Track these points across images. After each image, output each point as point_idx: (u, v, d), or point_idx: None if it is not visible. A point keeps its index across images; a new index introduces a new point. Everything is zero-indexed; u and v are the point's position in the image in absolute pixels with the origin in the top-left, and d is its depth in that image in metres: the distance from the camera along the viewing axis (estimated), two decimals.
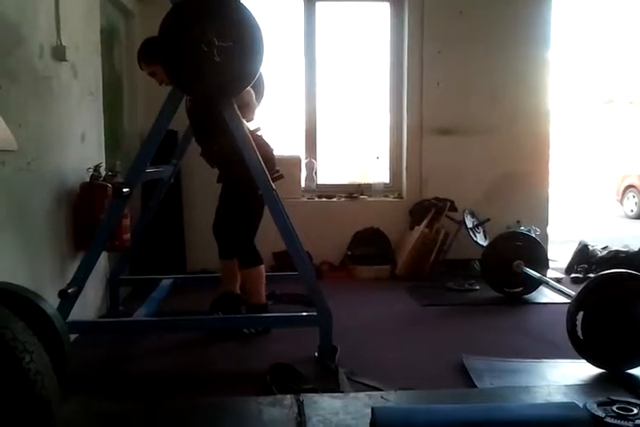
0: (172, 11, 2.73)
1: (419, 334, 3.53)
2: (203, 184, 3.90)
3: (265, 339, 3.36)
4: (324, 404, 2.32)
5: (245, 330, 3.38)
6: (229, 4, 2.75)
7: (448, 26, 5.16)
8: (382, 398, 2.40)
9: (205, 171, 3.64)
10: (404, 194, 5.39)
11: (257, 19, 2.74)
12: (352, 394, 2.46)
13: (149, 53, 3.28)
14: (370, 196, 5.41)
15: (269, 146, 3.47)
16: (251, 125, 3.37)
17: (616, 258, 5.05)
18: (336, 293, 3.93)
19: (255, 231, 3.52)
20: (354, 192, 5.39)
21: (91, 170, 3.37)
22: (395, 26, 5.38)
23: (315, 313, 3.00)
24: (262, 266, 3.53)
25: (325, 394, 2.44)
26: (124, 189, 2.83)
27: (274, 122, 4.99)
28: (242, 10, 2.74)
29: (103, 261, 3.76)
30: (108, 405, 2.40)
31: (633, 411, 2.17)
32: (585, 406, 2.21)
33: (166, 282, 3.96)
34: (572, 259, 5.27)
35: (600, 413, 2.17)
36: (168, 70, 2.84)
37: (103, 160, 3.73)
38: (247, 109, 3.25)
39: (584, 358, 2.77)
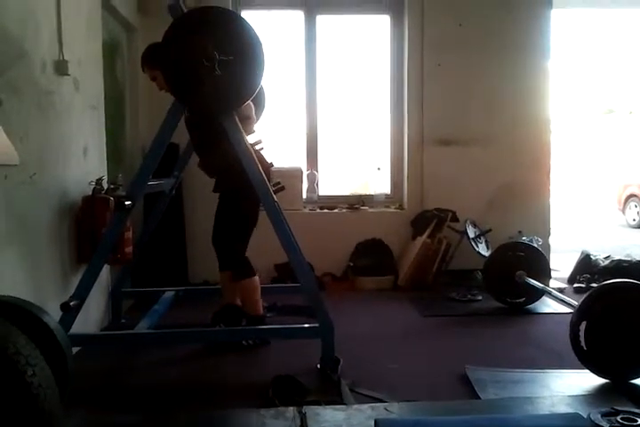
0: (173, 25, 2.76)
1: (421, 344, 3.52)
2: (204, 196, 3.91)
3: (267, 351, 3.35)
4: (327, 416, 2.32)
5: (244, 342, 3.36)
6: (230, 18, 2.78)
7: (448, 38, 5.19)
8: (385, 409, 2.40)
9: (206, 183, 3.65)
10: (406, 205, 5.40)
11: (257, 32, 2.76)
12: (355, 406, 2.46)
13: (153, 58, 3.30)
14: (371, 207, 5.41)
15: (267, 161, 3.47)
16: (251, 138, 3.38)
17: (619, 267, 5.05)
18: (338, 304, 3.94)
19: (246, 243, 3.52)
20: (355, 203, 5.40)
21: (93, 183, 3.39)
22: (395, 38, 5.41)
23: (317, 325, 2.99)
24: (255, 277, 3.51)
25: (328, 406, 2.43)
26: (127, 202, 2.84)
27: (275, 134, 5.01)
28: (242, 23, 2.77)
29: (105, 273, 3.77)
30: (110, 418, 2.40)
31: (637, 421, 2.17)
32: (589, 416, 2.20)
33: (168, 294, 3.97)
34: (575, 269, 5.26)
35: (604, 423, 2.16)
36: (169, 84, 2.86)
37: (105, 173, 3.75)
38: (247, 122, 3.27)
39: (587, 369, 2.76)
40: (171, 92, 2.91)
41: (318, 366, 2.97)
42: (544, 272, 4.30)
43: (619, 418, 2.20)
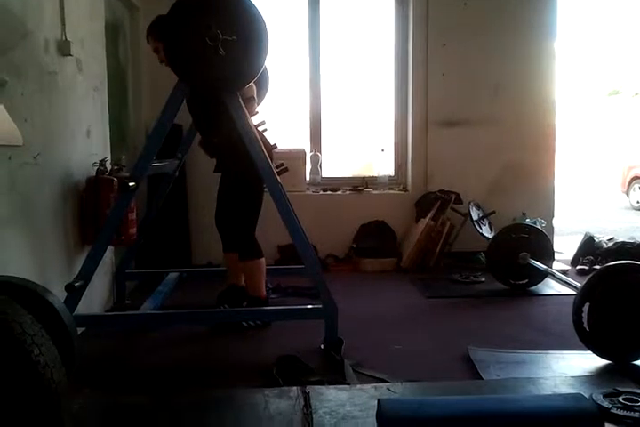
0: (176, 4, 2.74)
1: (424, 325, 3.54)
2: (207, 178, 3.91)
3: (271, 331, 3.36)
4: (331, 396, 2.33)
5: (244, 323, 3.37)
6: None
7: (453, 18, 5.15)
8: (388, 389, 2.41)
9: (209, 164, 3.65)
10: (409, 186, 5.39)
11: (261, 12, 2.74)
12: (358, 386, 2.47)
13: (159, 30, 3.27)
14: (375, 188, 5.41)
15: (270, 143, 3.46)
16: (254, 119, 3.37)
17: (622, 249, 5.04)
18: (341, 285, 3.95)
19: (255, 223, 3.51)
20: (359, 185, 5.39)
21: (96, 164, 3.38)
22: (399, 19, 5.36)
23: (320, 306, 3.01)
24: (262, 259, 3.52)
25: (331, 386, 2.45)
26: (130, 183, 2.84)
27: (279, 115, 4.99)
28: (246, 4, 2.74)
29: (109, 254, 3.78)
30: (116, 398, 2.42)
31: (639, 402, 2.18)
32: (591, 397, 2.22)
33: (172, 275, 3.98)
34: (578, 251, 5.26)
35: (606, 404, 2.18)
36: (172, 64, 2.84)
37: (109, 154, 3.74)
38: (250, 104, 3.25)
39: (590, 350, 2.78)
40: (174, 72, 2.89)
41: (322, 346, 2.99)
42: (547, 254, 4.31)
43: (621, 399, 2.21)
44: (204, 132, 3.51)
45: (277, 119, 4.67)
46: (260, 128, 3.42)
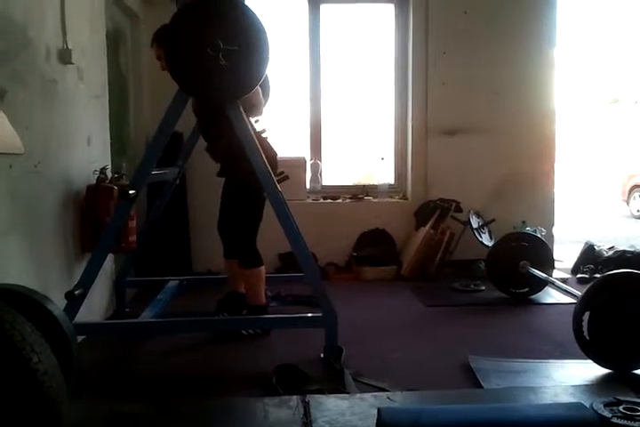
0: (177, 14, 2.75)
1: (424, 334, 3.53)
2: (208, 185, 3.92)
3: (270, 340, 3.36)
4: (330, 405, 2.33)
5: (244, 331, 3.37)
6: (235, 8, 2.76)
7: (453, 26, 5.17)
8: (388, 398, 2.40)
9: (210, 172, 3.65)
10: (409, 195, 5.39)
11: (262, 22, 2.75)
12: (358, 395, 2.46)
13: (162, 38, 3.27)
14: (375, 197, 5.41)
15: (273, 149, 3.46)
16: (257, 126, 3.38)
17: (622, 258, 5.04)
18: (342, 294, 3.94)
19: (256, 232, 3.51)
20: (359, 193, 5.40)
21: (97, 172, 3.39)
22: (399, 27, 5.38)
23: (320, 314, 3.00)
24: (262, 267, 3.51)
25: (331, 395, 2.44)
26: (131, 191, 2.84)
27: (279, 123, 5.00)
28: (247, 13, 2.75)
29: (109, 262, 3.77)
30: (115, 406, 2.41)
31: (639, 411, 2.17)
32: (591, 406, 2.21)
33: (172, 283, 3.97)
34: (578, 259, 5.25)
35: (607, 413, 2.16)
36: (173, 73, 2.85)
37: (109, 162, 3.75)
38: (255, 108, 3.26)
39: (590, 359, 2.77)
40: (175, 81, 2.90)
41: (322, 355, 2.98)
42: (547, 262, 4.31)
43: (621, 408, 2.20)
44: (210, 138, 3.52)
45: (278, 127, 4.68)
46: (263, 135, 3.42)
